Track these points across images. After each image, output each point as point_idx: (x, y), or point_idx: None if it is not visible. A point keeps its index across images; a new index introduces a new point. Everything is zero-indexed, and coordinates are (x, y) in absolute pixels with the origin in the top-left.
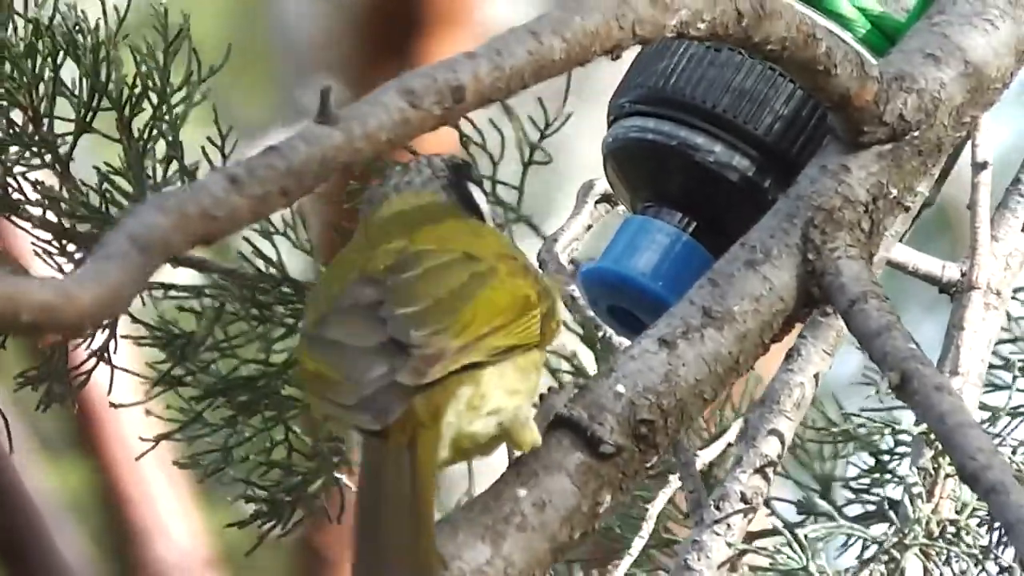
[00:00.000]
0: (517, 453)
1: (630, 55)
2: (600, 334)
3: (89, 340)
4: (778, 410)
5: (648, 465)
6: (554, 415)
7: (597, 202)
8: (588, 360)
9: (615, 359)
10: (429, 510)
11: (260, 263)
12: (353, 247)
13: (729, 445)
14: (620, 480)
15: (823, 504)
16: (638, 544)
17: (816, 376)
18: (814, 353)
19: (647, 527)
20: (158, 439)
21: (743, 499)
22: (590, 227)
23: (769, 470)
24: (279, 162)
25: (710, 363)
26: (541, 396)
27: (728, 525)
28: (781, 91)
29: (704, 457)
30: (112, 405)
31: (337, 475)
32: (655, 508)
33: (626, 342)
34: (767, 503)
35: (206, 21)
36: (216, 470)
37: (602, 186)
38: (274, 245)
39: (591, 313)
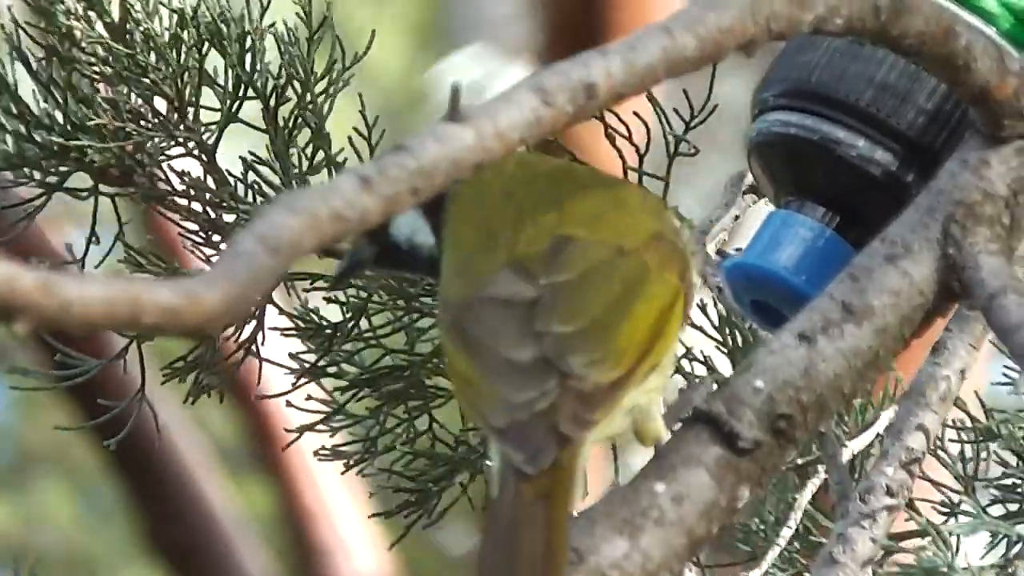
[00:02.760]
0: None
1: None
2: (747, 327)
3: (237, 331)
4: (924, 403)
5: (787, 460)
6: (693, 409)
7: (745, 193)
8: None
9: (754, 354)
10: (564, 555)
11: None
12: (496, 194)
13: (877, 436)
14: (758, 474)
15: (967, 504)
16: (786, 534)
17: (962, 371)
18: (960, 347)
19: (795, 516)
20: (301, 430)
21: (889, 492)
22: (738, 218)
23: (915, 464)
24: (409, 161)
25: (849, 358)
26: (680, 390)
27: (874, 519)
28: (924, 85)
29: (852, 448)
30: (257, 397)
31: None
32: (803, 498)
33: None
34: (910, 504)
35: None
36: (360, 461)
37: (751, 177)
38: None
39: (735, 305)
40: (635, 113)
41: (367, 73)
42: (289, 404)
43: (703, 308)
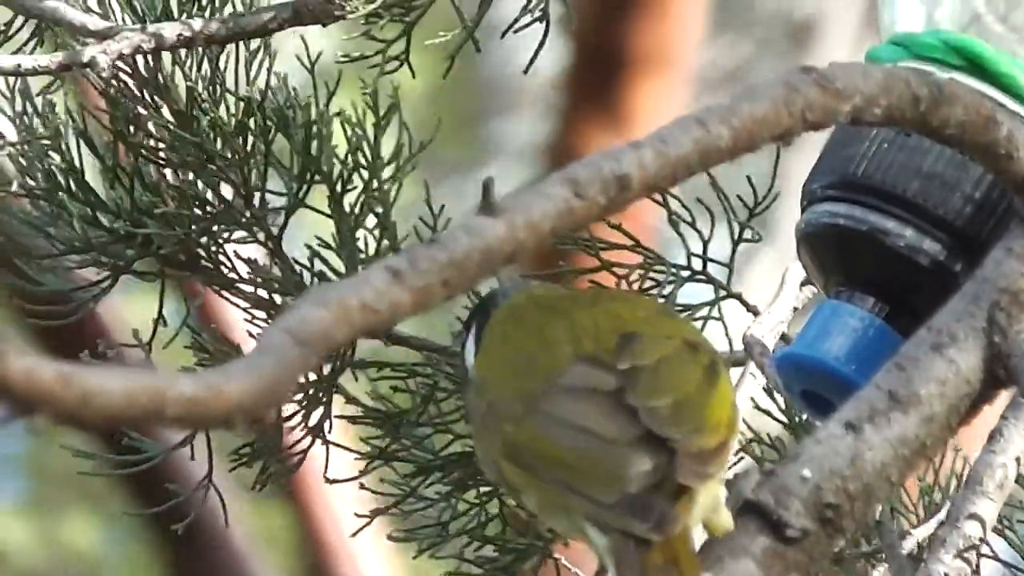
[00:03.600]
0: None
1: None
2: (796, 418)
3: (305, 418)
4: (981, 491)
5: (834, 548)
6: (741, 500)
7: (802, 285)
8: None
9: (801, 444)
10: None
11: None
12: (531, 315)
13: (941, 524)
14: (806, 563)
15: None
16: None
17: (1019, 458)
18: (1016, 434)
19: None
20: (375, 513)
21: None
22: (796, 309)
23: (971, 553)
24: (441, 254)
25: (896, 447)
26: (727, 481)
27: None
28: (971, 175)
29: (917, 536)
30: (328, 481)
31: (552, 554)
32: None
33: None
34: None
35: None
36: (432, 544)
37: None
38: None
39: (786, 396)
40: (698, 199)
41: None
42: (363, 487)
43: (770, 392)
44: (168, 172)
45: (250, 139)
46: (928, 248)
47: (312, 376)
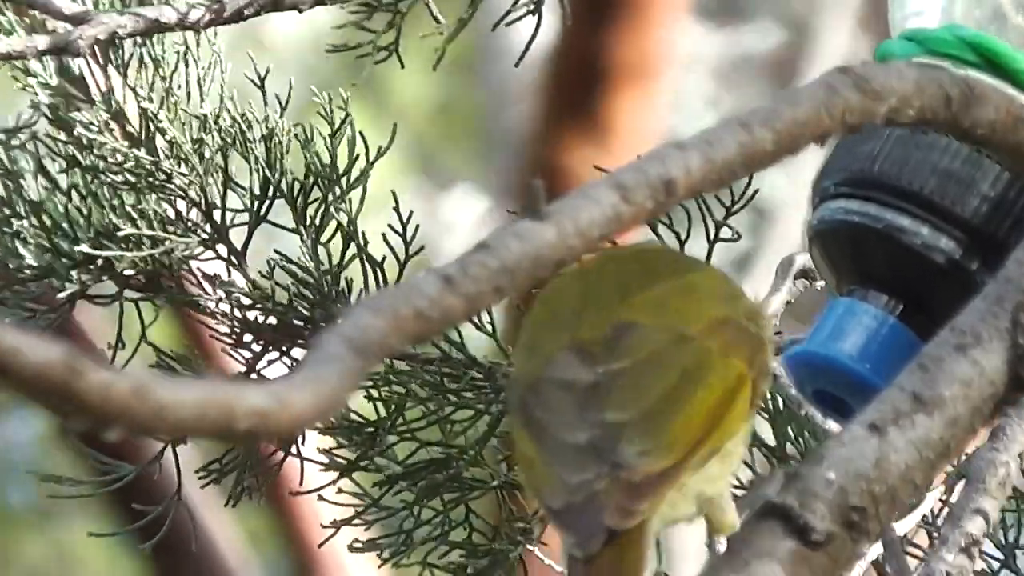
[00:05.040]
0: (722, 539)
1: None
2: (803, 414)
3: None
4: (983, 489)
5: (860, 552)
6: (764, 503)
7: (796, 278)
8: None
9: (825, 446)
10: None
11: (447, 348)
12: (570, 280)
13: (924, 518)
14: (831, 567)
15: (1007, 572)
16: None
17: (1021, 455)
18: (1019, 432)
19: None
20: (338, 525)
21: None
22: (789, 303)
23: (974, 549)
24: (491, 260)
25: (921, 449)
26: (750, 483)
27: None
28: (987, 173)
29: (898, 529)
30: (291, 494)
31: (530, 549)
32: None
33: (833, 425)
34: None
35: (417, 81)
36: (396, 553)
37: (801, 261)
38: (457, 329)
39: (795, 393)
40: None
41: (404, 115)
42: (322, 499)
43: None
44: (126, 194)
45: (207, 156)
46: (944, 246)
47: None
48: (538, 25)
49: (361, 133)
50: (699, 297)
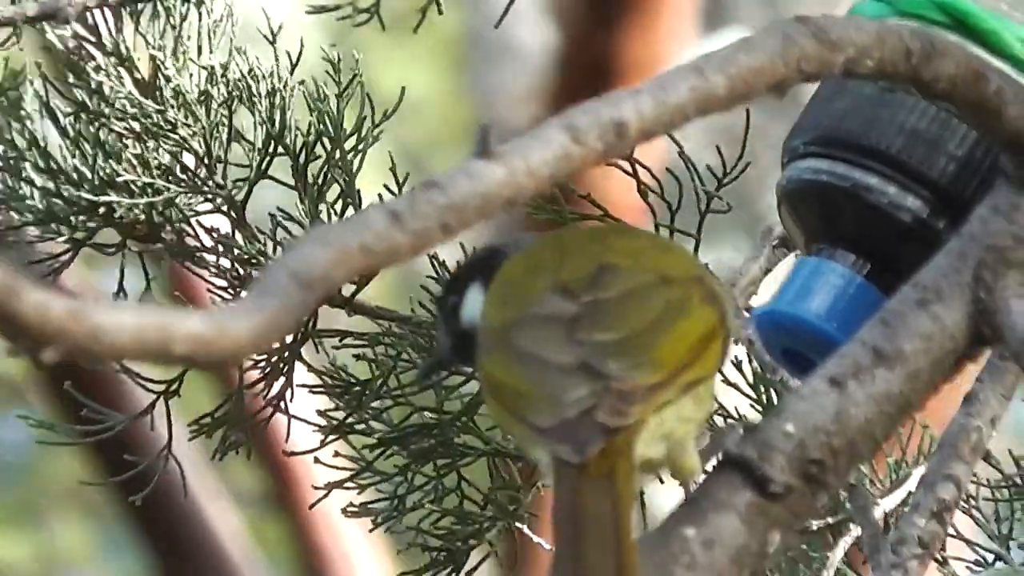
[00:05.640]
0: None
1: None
2: (778, 379)
3: (266, 388)
4: (955, 455)
5: (818, 505)
6: (724, 454)
7: (775, 246)
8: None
9: (784, 400)
10: (632, 544)
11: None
12: (541, 247)
13: (909, 494)
14: (789, 520)
15: (1001, 563)
16: None
17: (993, 420)
18: (992, 397)
19: (828, 575)
20: (329, 488)
21: (921, 543)
22: (768, 271)
23: (947, 514)
24: (439, 197)
25: (881, 403)
26: (711, 434)
27: (905, 570)
28: (955, 132)
29: (884, 506)
30: (285, 454)
31: (515, 523)
32: (835, 556)
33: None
34: (944, 561)
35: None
36: (388, 518)
37: (780, 230)
38: None
39: (767, 357)
40: (668, 169)
41: (400, 114)
42: (317, 461)
43: (738, 366)
44: (131, 142)
45: (213, 109)
46: (911, 205)
47: (274, 345)
48: None
49: (368, 95)
50: (673, 255)
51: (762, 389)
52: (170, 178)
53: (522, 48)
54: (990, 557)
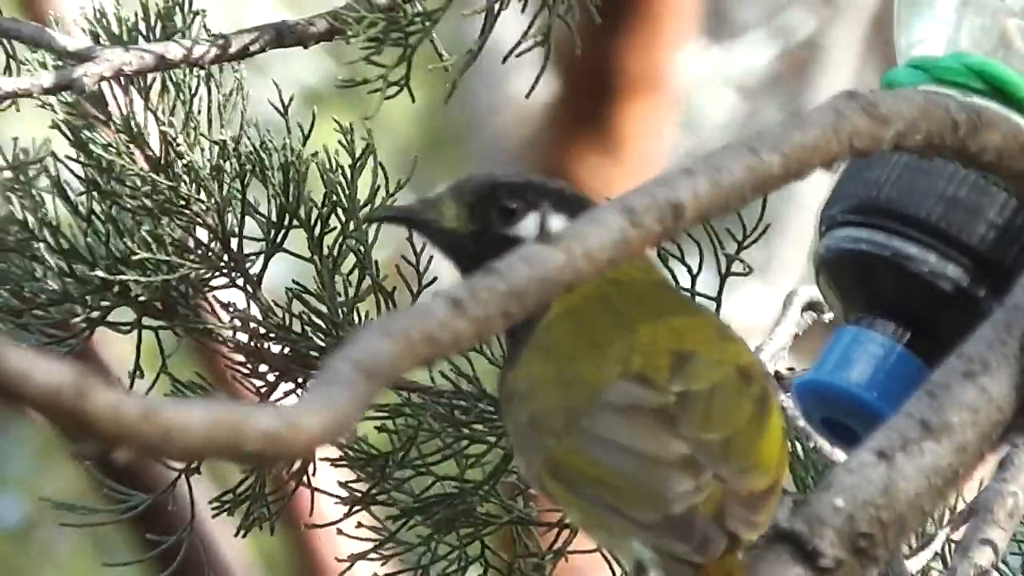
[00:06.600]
0: None
1: None
2: (811, 445)
3: (288, 463)
4: (991, 520)
5: None
6: (774, 528)
7: (803, 310)
8: None
9: (832, 473)
10: None
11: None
12: (591, 309)
13: (936, 555)
14: None
15: None
16: None
17: None
18: None
19: None
20: (353, 559)
21: None
22: (797, 335)
23: None
24: (500, 284)
25: (929, 476)
26: None
27: None
28: (994, 200)
29: (911, 568)
30: (307, 526)
31: None
32: None
33: (840, 454)
34: None
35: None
36: None
37: (807, 293)
38: (469, 360)
39: (802, 423)
40: (686, 232)
41: (390, 127)
42: (340, 532)
43: None
44: (143, 219)
45: (226, 183)
46: (951, 274)
47: None
48: (547, 57)
49: (381, 164)
50: (732, 340)
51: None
52: (184, 254)
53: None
54: None
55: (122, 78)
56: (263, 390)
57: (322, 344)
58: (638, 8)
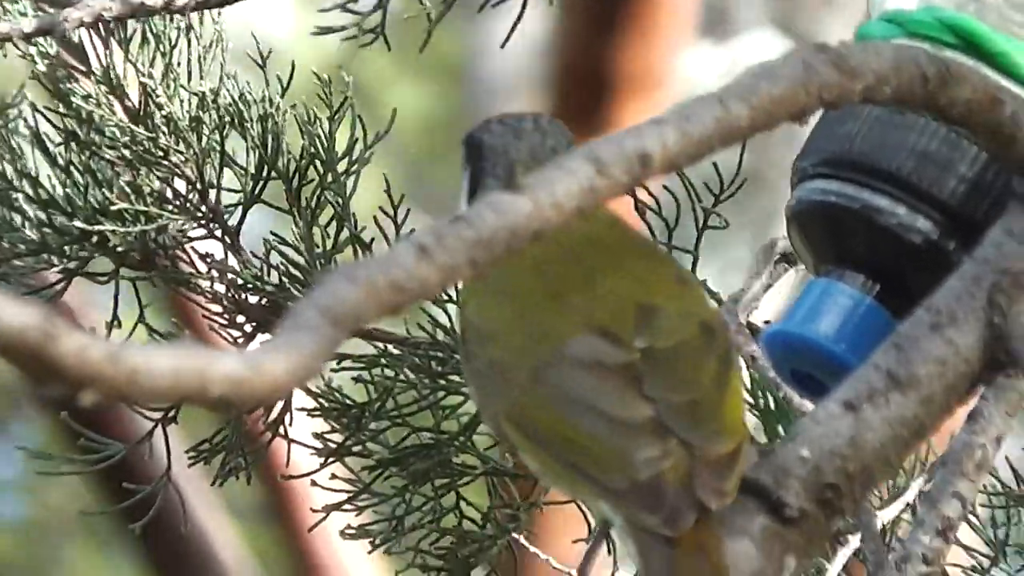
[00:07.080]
0: None
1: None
2: (781, 395)
3: (265, 413)
4: (960, 472)
5: (833, 529)
6: (740, 479)
7: (776, 262)
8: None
9: (799, 424)
10: None
11: (432, 330)
12: (550, 255)
13: (907, 506)
14: (804, 544)
15: (997, 569)
16: None
17: (998, 439)
18: (996, 415)
19: None
20: (328, 510)
21: (925, 560)
22: (770, 287)
23: (951, 532)
24: (468, 231)
25: (895, 427)
26: None
27: None
28: (965, 154)
29: (882, 518)
30: (283, 477)
31: (517, 538)
32: (834, 567)
33: (809, 406)
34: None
35: (405, 96)
36: (387, 540)
37: (782, 245)
38: (446, 311)
39: (772, 375)
40: (664, 187)
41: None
42: (314, 484)
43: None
44: (122, 170)
45: (205, 134)
46: (921, 227)
47: None
48: (523, 6)
49: (359, 116)
50: (694, 290)
51: (760, 395)
52: (163, 205)
53: (521, 60)
54: (986, 563)
55: (102, 28)
56: (240, 341)
57: (299, 295)
58: (637, 7)
